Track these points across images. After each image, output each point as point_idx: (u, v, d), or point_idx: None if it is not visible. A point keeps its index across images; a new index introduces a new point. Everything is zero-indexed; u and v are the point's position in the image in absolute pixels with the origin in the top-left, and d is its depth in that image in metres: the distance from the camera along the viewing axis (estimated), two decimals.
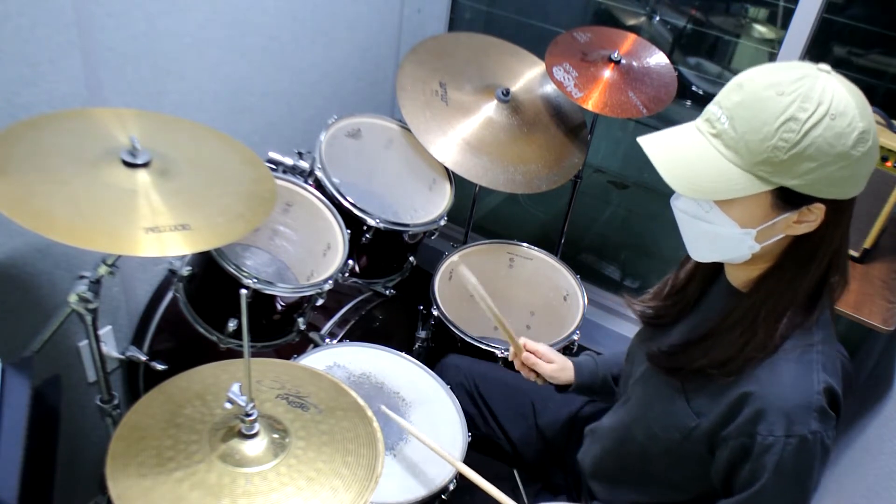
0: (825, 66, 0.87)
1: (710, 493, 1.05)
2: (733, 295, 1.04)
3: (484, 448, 1.47)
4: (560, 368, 1.38)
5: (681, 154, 0.92)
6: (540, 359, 1.38)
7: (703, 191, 0.90)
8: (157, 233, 1.01)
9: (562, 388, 1.41)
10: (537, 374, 1.42)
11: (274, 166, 1.65)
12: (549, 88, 1.95)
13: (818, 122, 0.83)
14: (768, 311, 0.97)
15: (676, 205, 0.99)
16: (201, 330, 1.47)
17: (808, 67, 0.87)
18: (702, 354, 1.01)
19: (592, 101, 1.76)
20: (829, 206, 0.89)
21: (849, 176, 0.87)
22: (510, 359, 1.42)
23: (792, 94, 0.84)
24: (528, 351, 1.39)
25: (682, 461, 1.09)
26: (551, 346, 1.63)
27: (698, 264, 1.12)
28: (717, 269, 1.10)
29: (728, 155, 0.88)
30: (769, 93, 0.85)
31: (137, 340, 1.71)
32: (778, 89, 0.85)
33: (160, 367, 1.61)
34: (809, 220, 0.90)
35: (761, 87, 0.86)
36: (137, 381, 1.74)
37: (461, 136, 1.79)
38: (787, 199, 0.89)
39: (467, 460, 1.30)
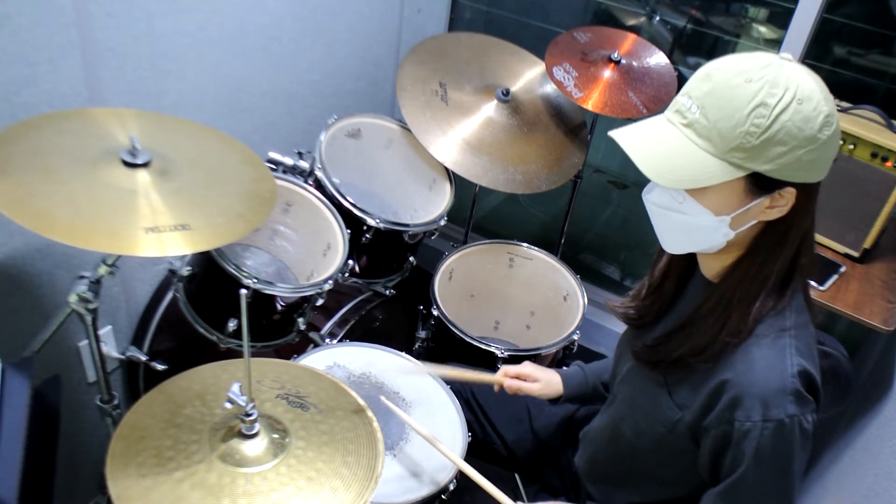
0: (787, 55, 0.90)
1: (702, 488, 1.06)
2: (708, 286, 1.05)
3: (480, 453, 1.47)
4: (546, 385, 1.39)
5: (655, 146, 0.94)
6: (525, 380, 1.39)
7: (681, 180, 0.91)
8: (157, 233, 1.01)
9: (553, 401, 1.41)
10: None
11: (274, 166, 1.65)
12: (549, 88, 1.95)
13: (787, 107, 0.85)
14: (741, 296, 0.98)
15: (648, 198, 1.00)
16: (201, 330, 1.47)
17: (772, 56, 0.89)
18: (680, 344, 1.03)
19: (592, 101, 1.76)
20: (800, 190, 0.91)
21: (816, 159, 0.89)
22: (496, 390, 1.42)
23: (760, 80, 0.86)
24: (510, 378, 1.39)
25: (671, 456, 1.09)
26: (551, 345, 1.64)
27: (671, 261, 1.13)
28: (691, 263, 1.12)
29: (701, 144, 0.90)
30: (738, 80, 0.87)
31: (137, 340, 1.71)
32: (746, 77, 0.87)
33: (160, 367, 1.61)
34: (781, 204, 0.92)
35: (730, 75, 0.88)
36: (137, 381, 1.74)
37: (461, 136, 1.79)
38: (759, 184, 0.91)
39: (466, 462, 1.30)
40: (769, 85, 0.86)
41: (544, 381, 1.39)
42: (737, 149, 0.88)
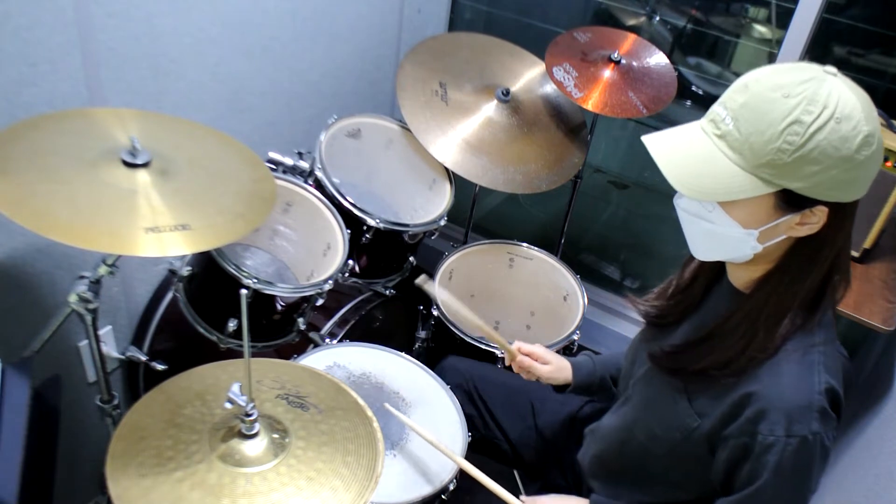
0: (831, 69, 0.87)
1: (710, 494, 1.05)
2: (735, 295, 1.04)
3: (483, 449, 1.47)
4: (557, 369, 1.38)
5: (684, 154, 0.92)
6: (536, 360, 1.38)
7: (706, 192, 0.90)
8: (157, 233, 1.01)
9: (560, 389, 1.41)
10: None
11: (274, 166, 1.65)
12: (549, 88, 1.95)
13: (823, 126, 0.83)
14: (769, 313, 0.96)
15: (679, 203, 0.99)
16: (201, 330, 1.47)
17: (815, 69, 0.86)
18: (703, 355, 1.01)
19: (592, 101, 1.76)
20: (832, 209, 0.89)
21: (852, 179, 0.86)
22: (507, 363, 1.42)
23: (798, 96, 0.84)
24: (523, 354, 1.39)
25: (682, 461, 1.09)
26: (551, 345, 1.64)
27: (702, 264, 1.12)
28: (720, 268, 1.10)
29: (732, 156, 0.88)
30: (775, 95, 0.85)
31: (137, 340, 1.71)
32: (784, 91, 0.84)
33: (160, 367, 1.61)
34: (812, 222, 0.90)
35: (767, 88, 0.86)
36: (137, 381, 1.74)
37: (461, 136, 1.79)
38: (789, 201, 0.88)
39: (467, 460, 1.30)
40: (807, 101, 0.83)
41: (555, 366, 1.38)
42: (768, 164, 0.86)
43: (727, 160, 0.88)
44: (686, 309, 1.14)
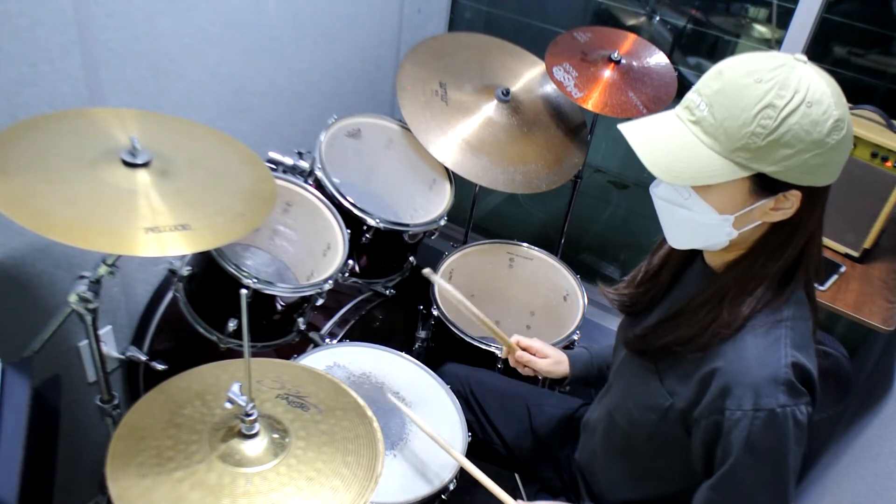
0: (801, 57, 0.89)
1: (697, 485, 1.05)
2: (707, 276, 1.06)
3: (481, 453, 1.47)
4: (555, 363, 1.39)
5: (661, 141, 0.94)
6: (534, 355, 1.39)
7: (683, 177, 0.92)
8: (157, 233, 1.01)
9: (558, 382, 1.42)
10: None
11: (274, 166, 1.65)
12: (549, 88, 1.95)
13: (795, 110, 0.85)
14: (736, 293, 0.98)
15: (655, 192, 1.01)
16: (201, 330, 1.47)
17: (786, 57, 0.89)
18: (668, 333, 1.03)
19: (592, 101, 1.76)
20: (805, 194, 0.91)
21: (824, 163, 0.88)
22: (503, 356, 1.42)
23: (770, 81, 0.86)
24: (521, 348, 1.40)
25: (664, 448, 1.09)
26: (551, 345, 1.64)
27: (671, 251, 1.14)
28: (689, 254, 1.12)
29: (707, 141, 0.90)
30: (748, 80, 0.87)
31: (137, 340, 1.71)
32: (756, 77, 0.87)
33: (160, 367, 1.61)
34: (785, 207, 0.92)
35: (740, 74, 0.88)
36: (137, 381, 1.74)
37: (461, 136, 1.79)
38: (764, 185, 0.91)
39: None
40: (778, 86, 0.85)
41: (553, 359, 1.39)
42: (742, 149, 0.88)
43: (703, 145, 0.90)
44: (655, 296, 1.16)
